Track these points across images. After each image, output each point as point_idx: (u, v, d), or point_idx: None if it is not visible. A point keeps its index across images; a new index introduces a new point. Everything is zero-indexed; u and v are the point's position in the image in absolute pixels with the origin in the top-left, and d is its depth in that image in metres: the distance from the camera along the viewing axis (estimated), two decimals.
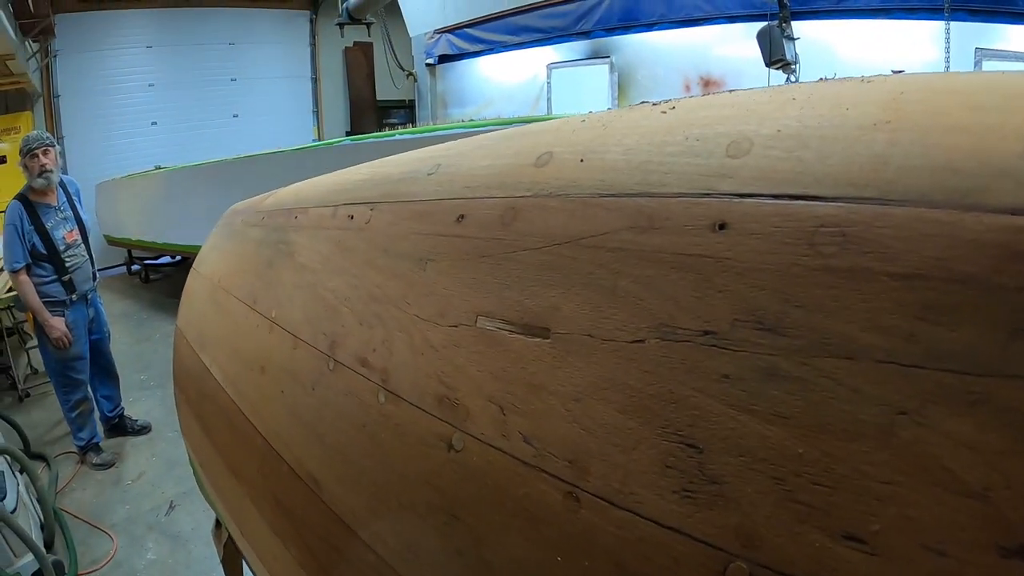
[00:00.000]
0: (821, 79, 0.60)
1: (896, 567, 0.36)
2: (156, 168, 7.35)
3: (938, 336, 0.37)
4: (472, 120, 5.24)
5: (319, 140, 10.62)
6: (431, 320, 0.68)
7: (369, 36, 7.29)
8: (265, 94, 10.32)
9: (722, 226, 0.46)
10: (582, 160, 0.59)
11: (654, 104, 0.63)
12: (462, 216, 0.68)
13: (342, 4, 6.84)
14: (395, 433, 0.73)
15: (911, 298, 0.38)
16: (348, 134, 10.59)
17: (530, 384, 0.55)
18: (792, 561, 0.39)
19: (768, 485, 0.41)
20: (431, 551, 0.69)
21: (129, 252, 8.01)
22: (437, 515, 0.67)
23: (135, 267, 8.14)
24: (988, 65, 3.97)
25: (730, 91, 0.92)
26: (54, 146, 3.35)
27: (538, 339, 0.55)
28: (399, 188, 0.87)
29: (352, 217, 0.96)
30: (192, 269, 1.86)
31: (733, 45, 5.28)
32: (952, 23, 3.96)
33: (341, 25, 7.00)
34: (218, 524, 1.87)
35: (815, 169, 0.43)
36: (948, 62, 4.01)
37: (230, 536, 1.61)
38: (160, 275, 8.27)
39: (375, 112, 10.96)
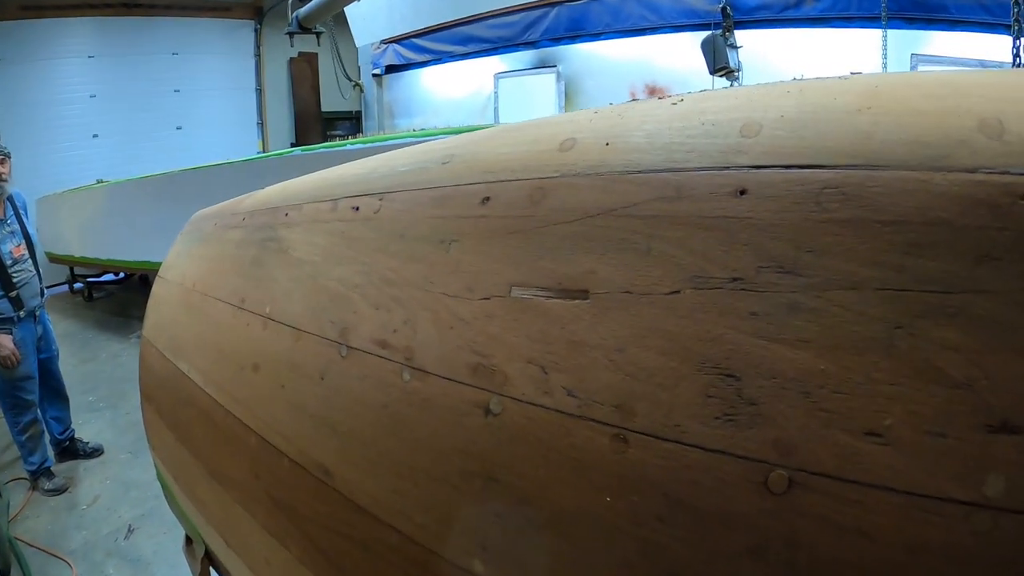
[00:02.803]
0: (794, 79, 0.70)
1: (908, 452, 0.45)
2: (98, 182, 7.04)
3: (921, 266, 0.47)
4: (423, 129, 5.27)
5: (264, 152, 10.43)
6: (459, 296, 0.73)
7: (319, 45, 7.23)
8: (209, 106, 10.05)
9: (743, 191, 0.55)
10: (607, 144, 0.66)
11: (660, 99, 0.70)
12: (487, 198, 0.73)
13: (291, 13, 6.78)
14: (423, 408, 0.76)
15: (898, 239, 0.48)
16: (293, 146, 10.42)
17: (570, 342, 0.61)
18: (823, 461, 0.47)
19: (798, 399, 0.49)
20: (466, 519, 0.72)
21: (71, 269, 7.66)
22: (473, 481, 0.70)
23: (78, 285, 7.75)
24: (924, 70, 4.29)
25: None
26: (9, 156, 3.22)
27: (577, 301, 0.61)
28: (411, 178, 0.90)
29: (357, 209, 0.99)
30: (158, 277, 1.80)
31: (678, 54, 5.53)
32: (889, 31, 4.28)
33: (291, 35, 6.92)
34: (188, 541, 1.83)
35: (816, 144, 0.53)
36: (886, 68, 4.32)
37: (207, 551, 1.59)
38: (104, 293, 7.86)
39: (320, 124, 10.82)
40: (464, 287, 0.72)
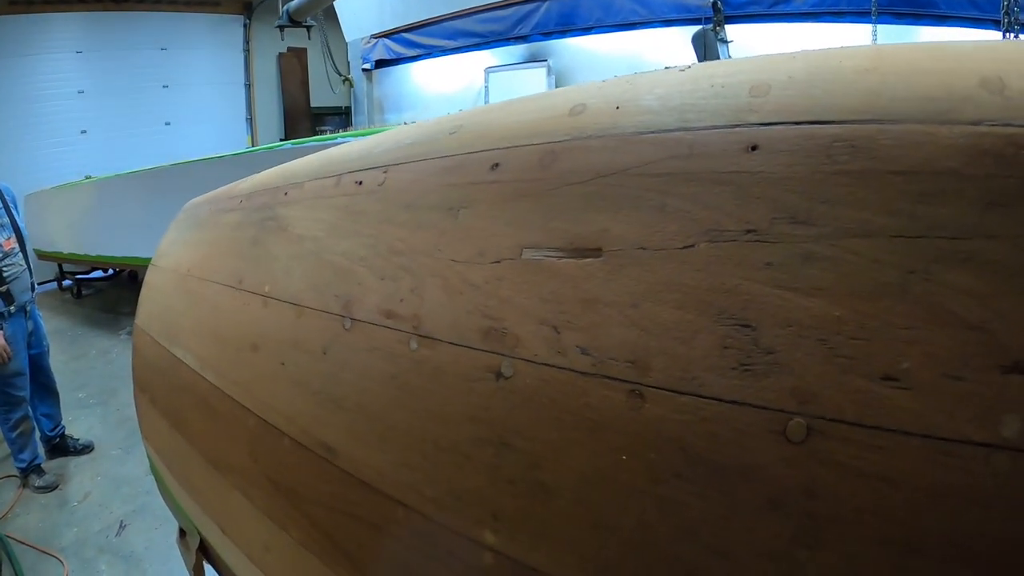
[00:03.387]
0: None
1: (926, 395, 0.45)
2: (87, 178, 6.99)
3: (932, 213, 0.48)
4: (416, 122, 5.26)
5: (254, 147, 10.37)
6: (469, 261, 0.72)
7: (309, 39, 7.20)
8: (198, 101, 10.00)
9: (754, 147, 0.55)
10: (618, 108, 0.66)
11: (667, 68, 0.71)
12: (496, 164, 0.73)
13: (282, 6, 6.73)
14: (432, 376, 0.75)
15: (910, 188, 0.49)
16: (282, 141, 10.37)
17: (584, 300, 0.60)
18: (842, 407, 0.48)
19: (815, 347, 0.49)
20: (477, 488, 0.71)
21: (60, 266, 7.60)
22: (485, 448, 0.69)
23: (67, 282, 7.71)
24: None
25: None
26: None
27: (590, 259, 0.61)
28: (417, 150, 0.89)
29: (360, 183, 0.98)
30: (151, 265, 1.78)
31: (668, 48, 5.54)
32: (879, 26, 4.31)
33: (281, 28, 6.88)
34: (182, 534, 1.81)
35: (825, 102, 0.54)
36: None
37: (202, 542, 1.57)
38: (93, 290, 7.82)
39: (309, 119, 10.78)
40: (475, 252, 0.72)
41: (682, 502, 0.54)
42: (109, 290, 7.84)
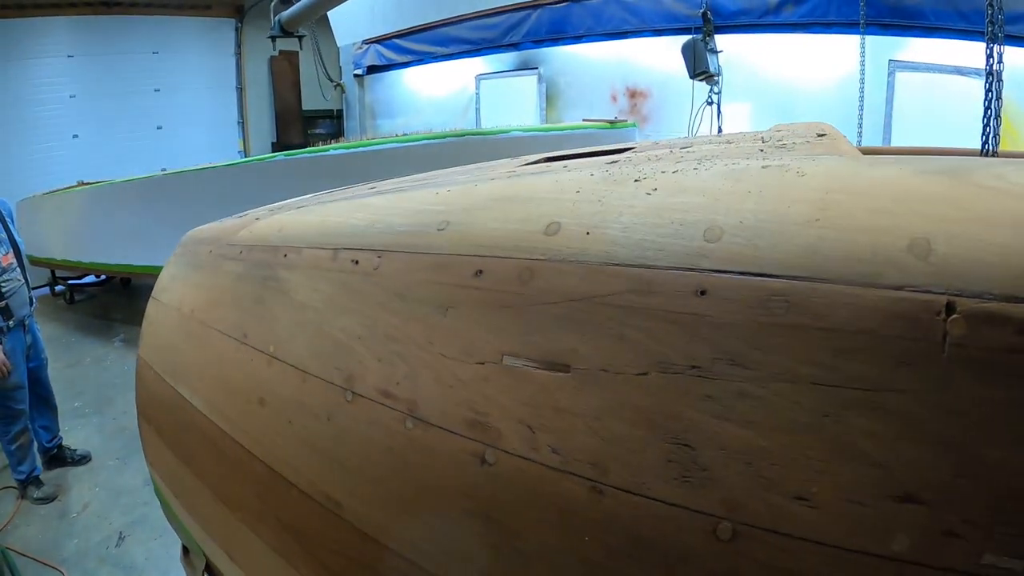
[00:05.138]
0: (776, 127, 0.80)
1: (830, 513, 0.56)
2: (79, 183, 6.94)
3: (850, 367, 0.57)
4: (405, 135, 5.31)
5: (244, 151, 10.34)
6: (457, 358, 0.82)
7: (300, 47, 7.22)
8: (190, 105, 9.92)
9: (703, 292, 0.65)
10: (588, 233, 0.76)
11: (636, 180, 0.80)
12: (480, 271, 0.83)
13: (274, 17, 6.75)
14: (425, 454, 0.86)
15: (832, 343, 0.58)
16: (274, 145, 10.34)
17: (555, 408, 0.71)
18: (761, 516, 0.59)
19: (743, 468, 0.60)
20: (465, 550, 0.83)
21: (52, 272, 7.59)
22: (472, 519, 0.80)
23: (59, 288, 7.70)
24: (901, 76, 4.45)
25: (698, 144, 1.08)
26: None
27: (560, 373, 0.71)
28: (408, 240, 0.99)
29: (357, 262, 1.07)
30: (152, 297, 1.83)
31: (658, 57, 5.60)
32: (867, 37, 4.39)
33: (273, 38, 6.89)
34: (186, 551, 1.89)
35: (767, 255, 0.63)
36: (863, 73, 4.45)
37: (208, 564, 1.66)
38: (85, 295, 7.77)
39: (301, 122, 10.75)
40: (462, 351, 0.82)
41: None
42: (102, 296, 7.78)
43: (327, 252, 1.18)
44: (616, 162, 1.07)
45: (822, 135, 1.05)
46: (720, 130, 4.89)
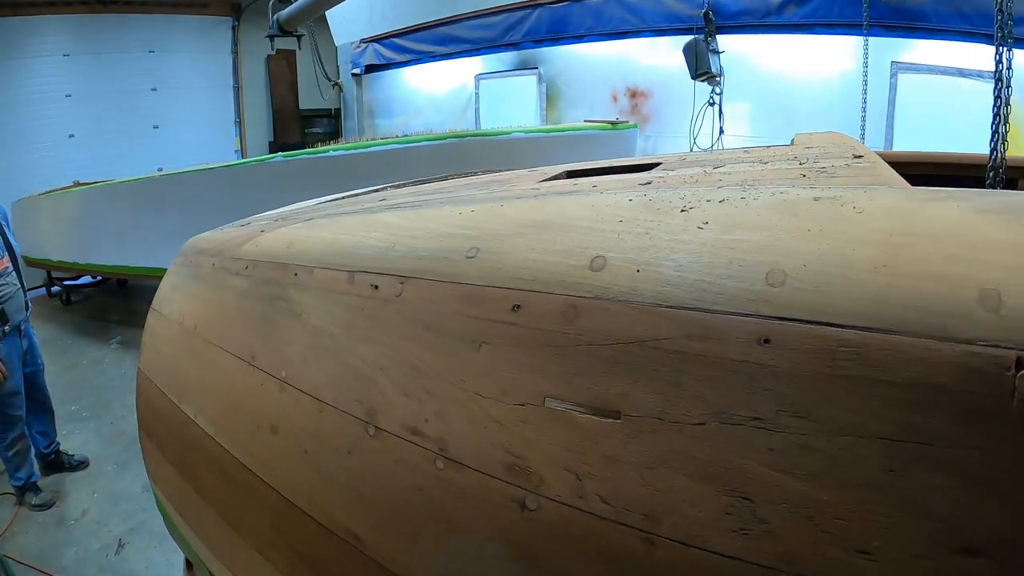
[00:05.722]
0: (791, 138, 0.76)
1: (891, 567, 0.54)
2: (75, 183, 6.88)
3: (919, 422, 0.55)
4: (404, 135, 5.26)
5: (241, 151, 10.28)
6: (493, 398, 0.78)
7: (299, 47, 7.16)
8: (187, 104, 9.87)
9: (766, 340, 0.61)
10: (638, 271, 0.71)
11: (683, 211, 0.76)
12: (518, 306, 0.79)
13: (272, 16, 6.69)
14: (459, 496, 0.82)
15: (900, 398, 0.56)
16: (271, 144, 10.27)
17: (604, 456, 0.67)
18: (820, 571, 0.57)
19: (803, 522, 0.58)
20: None
21: (48, 273, 7.53)
22: (510, 564, 0.77)
23: (55, 289, 7.63)
24: (903, 77, 4.43)
25: (730, 163, 1.02)
26: None
27: (610, 420, 0.68)
28: (433, 266, 0.94)
29: (377, 287, 1.02)
30: (152, 308, 1.78)
31: (659, 57, 5.57)
32: (870, 38, 4.38)
33: (271, 37, 6.84)
34: (188, 565, 1.85)
35: (835, 303, 0.60)
36: (866, 75, 4.44)
37: None
38: (81, 296, 7.72)
39: (298, 122, 10.69)
40: (498, 390, 0.78)
41: None
42: (98, 296, 7.72)
43: (343, 274, 1.12)
44: (649, 183, 1.03)
45: (858, 157, 1.02)
46: (722, 131, 4.86)
